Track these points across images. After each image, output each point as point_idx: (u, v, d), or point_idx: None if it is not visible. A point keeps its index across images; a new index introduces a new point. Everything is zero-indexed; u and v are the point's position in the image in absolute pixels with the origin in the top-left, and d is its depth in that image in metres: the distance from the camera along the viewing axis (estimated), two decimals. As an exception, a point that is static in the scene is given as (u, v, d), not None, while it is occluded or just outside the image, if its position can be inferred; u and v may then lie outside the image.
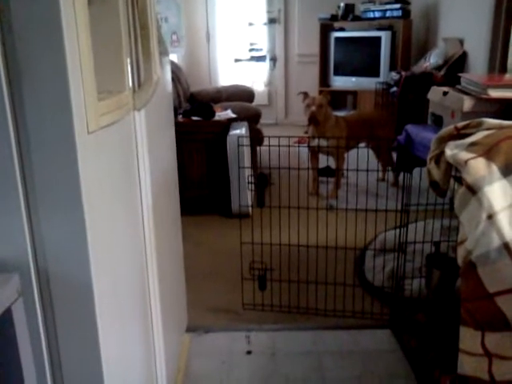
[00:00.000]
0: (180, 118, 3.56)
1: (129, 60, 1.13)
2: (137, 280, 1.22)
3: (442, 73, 4.48)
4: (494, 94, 1.94)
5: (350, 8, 5.63)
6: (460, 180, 1.24)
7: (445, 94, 2.13)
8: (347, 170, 2.16)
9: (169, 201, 1.71)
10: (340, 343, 2.03)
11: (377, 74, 5.46)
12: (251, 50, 6.39)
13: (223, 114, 3.74)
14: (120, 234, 1.08)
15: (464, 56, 4.46)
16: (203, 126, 3.52)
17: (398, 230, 2.13)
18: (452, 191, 1.44)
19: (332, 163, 3.52)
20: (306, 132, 4.05)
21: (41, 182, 0.81)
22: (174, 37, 4.80)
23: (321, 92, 5.83)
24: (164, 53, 1.63)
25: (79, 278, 0.85)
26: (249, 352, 1.98)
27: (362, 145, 3.91)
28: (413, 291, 2.25)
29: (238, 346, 2.02)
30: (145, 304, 1.30)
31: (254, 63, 6.41)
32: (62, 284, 0.85)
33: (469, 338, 1.16)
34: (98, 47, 0.98)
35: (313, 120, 3.65)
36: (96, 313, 0.87)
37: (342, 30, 5.77)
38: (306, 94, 3.80)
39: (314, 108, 3.65)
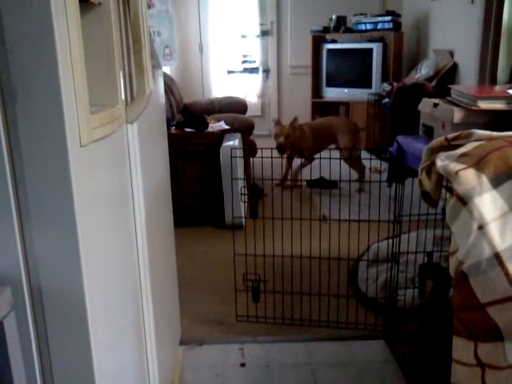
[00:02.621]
0: (173, 129, 3.56)
1: (121, 73, 1.13)
2: (130, 293, 1.22)
3: (434, 84, 4.53)
4: (484, 105, 1.96)
5: (341, 20, 5.68)
6: (451, 190, 1.25)
7: (435, 105, 2.15)
8: (340, 181, 2.17)
9: (162, 213, 1.71)
10: (334, 354, 2.03)
11: (369, 85, 5.50)
12: (244, 61, 6.42)
13: (216, 125, 3.75)
14: (113, 247, 1.07)
15: (454, 67, 4.51)
16: (196, 138, 3.52)
17: (390, 241, 2.14)
18: (444, 201, 1.45)
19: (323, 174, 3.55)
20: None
21: (33, 196, 0.81)
22: (167, 50, 4.82)
23: (313, 103, 5.89)
24: (157, 66, 1.64)
25: (72, 292, 0.84)
26: (243, 364, 1.97)
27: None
28: (406, 301, 2.25)
29: (232, 358, 2.01)
30: (138, 317, 1.29)
31: (246, 75, 6.43)
32: (55, 297, 0.84)
33: (462, 348, 1.17)
34: (91, 60, 0.98)
35: (280, 149, 3.95)
36: (89, 327, 0.86)
37: (334, 41, 5.82)
38: (277, 122, 4.16)
39: (281, 139, 4.00)
